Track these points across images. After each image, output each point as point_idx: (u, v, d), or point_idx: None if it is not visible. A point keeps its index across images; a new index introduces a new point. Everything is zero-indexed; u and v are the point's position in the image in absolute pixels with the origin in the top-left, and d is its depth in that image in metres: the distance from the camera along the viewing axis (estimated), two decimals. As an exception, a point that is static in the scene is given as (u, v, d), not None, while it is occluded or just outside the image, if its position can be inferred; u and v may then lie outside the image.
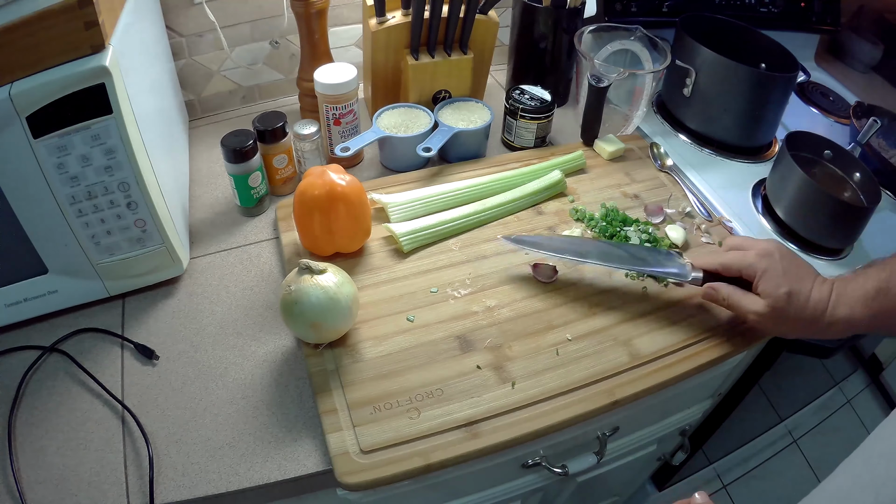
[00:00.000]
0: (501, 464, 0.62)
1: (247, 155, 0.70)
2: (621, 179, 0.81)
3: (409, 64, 0.81)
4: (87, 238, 0.57)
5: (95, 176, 0.54)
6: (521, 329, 0.62)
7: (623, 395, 0.57)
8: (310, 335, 0.57)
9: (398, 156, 0.81)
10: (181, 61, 0.86)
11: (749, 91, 0.83)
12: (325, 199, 0.62)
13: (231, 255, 0.72)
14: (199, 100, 0.91)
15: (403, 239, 0.68)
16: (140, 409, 0.56)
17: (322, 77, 0.75)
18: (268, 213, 0.77)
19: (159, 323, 0.64)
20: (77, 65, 0.48)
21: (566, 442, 0.66)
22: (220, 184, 0.81)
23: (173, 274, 0.66)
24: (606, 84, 0.78)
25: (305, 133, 0.75)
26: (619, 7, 0.94)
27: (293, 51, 0.92)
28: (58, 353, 0.61)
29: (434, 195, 0.74)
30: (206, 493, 0.51)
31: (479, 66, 0.87)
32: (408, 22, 0.79)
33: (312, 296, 0.54)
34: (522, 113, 0.81)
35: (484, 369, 0.58)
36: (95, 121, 0.51)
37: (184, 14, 0.82)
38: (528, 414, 0.55)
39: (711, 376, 0.76)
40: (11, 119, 0.48)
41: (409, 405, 0.55)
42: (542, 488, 0.75)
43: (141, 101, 0.58)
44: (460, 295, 0.65)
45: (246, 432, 0.55)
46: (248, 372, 0.60)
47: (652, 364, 0.60)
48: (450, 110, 0.83)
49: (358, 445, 0.52)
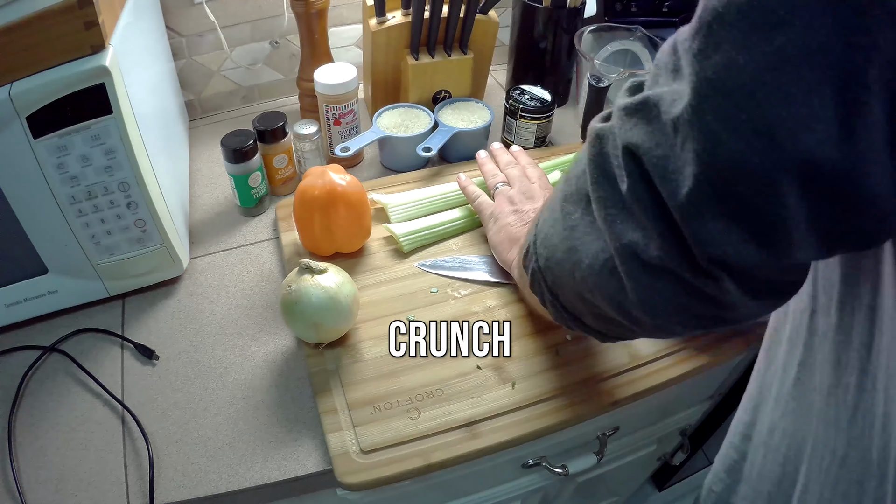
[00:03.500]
0: (501, 464, 0.62)
1: (247, 155, 0.70)
2: (621, 179, 0.81)
3: (409, 64, 0.81)
4: (87, 238, 0.57)
5: (95, 176, 0.54)
6: (521, 329, 0.62)
7: (623, 396, 0.57)
8: (310, 335, 0.57)
9: (398, 156, 0.81)
10: (181, 61, 0.86)
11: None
12: (325, 199, 0.62)
13: (231, 255, 0.72)
14: (199, 100, 0.91)
15: (403, 239, 0.68)
16: (140, 409, 0.56)
17: (322, 77, 0.75)
18: (268, 213, 0.77)
19: (159, 323, 0.64)
20: (77, 65, 0.48)
21: (566, 442, 0.66)
22: (220, 184, 0.81)
23: (173, 274, 0.66)
24: (606, 84, 0.78)
25: (305, 133, 0.75)
26: (619, 7, 0.94)
27: (293, 51, 0.92)
28: (58, 353, 0.61)
29: (434, 195, 0.74)
30: (206, 493, 0.51)
31: (479, 66, 0.87)
32: (408, 22, 0.79)
33: (313, 296, 0.54)
34: (522, 113, 0.81)
35: (484, 369, 0.58)
36: (95, 121, 0.51)
37: (184, 14, 0.82)
38: (528, 414, 0.55)
39: (711, 376, 0.76)
40: (11, 119, 0.48)
41: (409, 405, 0.55)
42: (542, 488, 0.75)
43: (141, 101, 0.58)
44: (460, 295, 0.65)
45: (246, 432, 0.55)
46: (248, 372, 0.60)
47: (652, 365, 0.60)
48: (450, 110, 0.83)
49: (358, 445, 0.52)
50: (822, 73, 0.23)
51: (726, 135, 0.25)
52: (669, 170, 0.28)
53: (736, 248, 0.28)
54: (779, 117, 0.24)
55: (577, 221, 0.37)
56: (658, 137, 0.29)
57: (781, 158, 0.24)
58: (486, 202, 0.67)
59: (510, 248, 0.61)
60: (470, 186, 0.70)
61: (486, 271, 0.67)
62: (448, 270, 0.67)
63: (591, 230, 0.35)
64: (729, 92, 0.25)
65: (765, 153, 0.25)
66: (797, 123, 0.23)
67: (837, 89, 0.23)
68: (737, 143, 0.25)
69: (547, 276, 0.42)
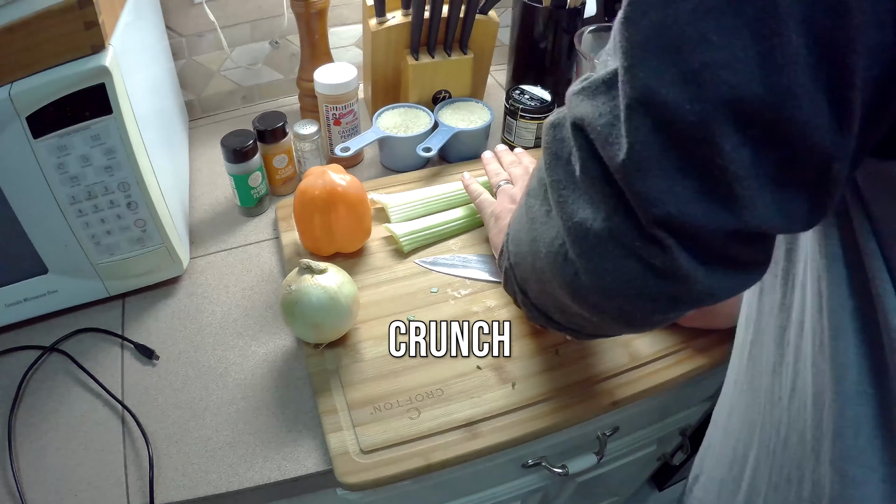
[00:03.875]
0: (501, 464, 0.62)
1: (247, 155, 0.70)
2: (621, 179, 0.81)
3: (409, 64, 0.81)
4: (87, 238, 0.57)
5: (95, 176, 0.54)
6: (521, 329, 0.61)
7: (623, 396, 0.57)
8: (310, 335, 0.57)
9: (398, 156, 0.81)
10: (181, 61, 0.86)
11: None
12: (326, 199, 0.62)
13: (231, 255, 0.72)
14: (199, 100, 0.91)
15: (404, 239, 0.68)
16: (140, 409, 0.56)
17: (322, 77, 0.75)
18: (268, 213, 0.77)
19: (159, 323, 0.64)
20: (77, 65, 0.48)
21: (566, 442, 0.66)
22: (220, 184, 0.81)
23: (173, 274, 0.66)
24: (606, 84, 0.78)
25: (305, 133, 0.75)
26: (619, 7, 0.94)
27: (293, 51, 0.92)
28: (58, 353, 0.61)
29: (434, 195, 0.74)
30: (206, 493, 0.51)
31: (479, 66, 0.87)
32: (408, 22, 0.79)
33: (313, 296, 0.54)
34: (522, 113, 0.81)
35: (484, 369, 0.58)
36: (95, 121, 0.51)
37: (184, 14, 0.82)
38: (528, 414, 0.55)
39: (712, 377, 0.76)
40: (11, 119, 0.48)
41: (409, 405, 0.55)
42: (542, 488, 0.75)
43: (141, 101, 0.58)
44: (460, 295, 0.65)
45: (246, 432, 0.55)
46: (249, 372, 0.60)
47: (652, 365, 0.60)
48: (450, 110, 0.83)
49: (358, 445, 0.52)
50: (740, 17, 0.24)
51: (658, 86, 0.26)
52: (612, 135, 0.29)
53: (678, 207, 0.27)
54: (703, 63, 0.25)
55: (536, 212, 0.37)
56: (600, 108, 0.29)
57: (711, 102, 0.25)
58: (488, 200, 0.67)
59: None
60: (473, 184, 0.70)
61: (486, 270, 0.67)
62: (448, 268, 0.67)
63: (548, 218, 0.36)
64: (658, 50, 0.26)
65: (695, 100, 0.25)
66: (721, 66, 0.25)
67: (754, 27, 0.24)
68: (669, 93, 0.26)
69: (516, 272, 0.42)
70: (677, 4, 0.25)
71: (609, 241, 0.31)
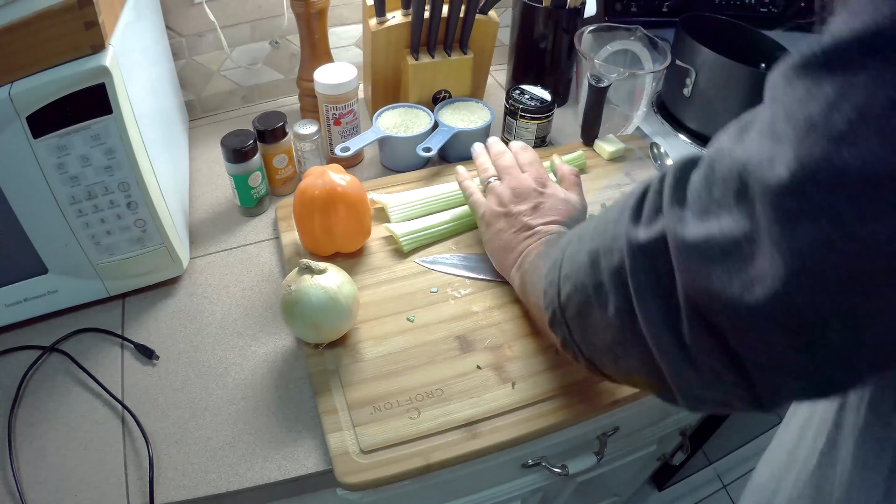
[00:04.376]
0: (501, 464, 0.62)
1: (247, 155, 0.70)
2: (621, 179, 0.81)
3: (409, 64, 0.81)
4: (87, 238, 0.57)
5: (95, 176, 0.54)
6: (521, 329, 0.61)
7: (623, 396, 0.57)
8: (310, 335, 0.57)
9: (398, 156, 0.81)
10: (181, 61, 0.86)
11: (749, 91, 0.83)
12: (325, 199, 0.62)
13: (231, 255, 0.72)
14: (199, 100, 0.91)
15: (404, 239, 0.68)
16: (140, 409, 0.56)
17: (322, 77, 0.75)
18: (268, 213, 0.77)
19: (159, 323, 0.64)
20: (77, 65, 0.48)
21: (566, 442, 0.66)
22: (220, 184, 0.81)
23: (173, 274, 0.66)
24: (606, 84, 0.78)
25: (305, 133, 0.75)
26: (619, 7, 0.94)
27: (293, 51, 0.92)
28: (58, 353, 0.61)
29: (434, 195, 0.74)
30: (206, 493, 0.51)
31: (479, 66, 0.87)
32: (408, 22, 0.79)
33: (313, 296, 0.54)
34: (522, 113, 0.81)
35: (484, 369, 0.58)
36: (95, 121, 0.51)
37: (184, 14, 0.83)
38: (528, 414, 0.55)
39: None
40: (11, 119, 0.48)
41: (409, 405, 0.55)
42: (542, 488, 0.75)
43: (141, 101, 0.58)
44: (460, 295, 0.65)
45: (246, 432, 0.55)
46: (249, 372, 0.60)
47: (652, 364, 0.60)
48: (450, 110, 0.83)
49: (358, 445, 0.52)
50: None
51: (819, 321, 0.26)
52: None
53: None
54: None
55: (618, 330, 0.37)
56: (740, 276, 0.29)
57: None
58: (478, 201, 0.66)
59: (505, 256, 0.61)
60: (465, 182, 0.70)
61: (486, 270, 0.67)
62: (448, 267, 0.67)
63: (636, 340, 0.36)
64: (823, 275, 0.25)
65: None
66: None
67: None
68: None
69: (579, 341, 0.43)
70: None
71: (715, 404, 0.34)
